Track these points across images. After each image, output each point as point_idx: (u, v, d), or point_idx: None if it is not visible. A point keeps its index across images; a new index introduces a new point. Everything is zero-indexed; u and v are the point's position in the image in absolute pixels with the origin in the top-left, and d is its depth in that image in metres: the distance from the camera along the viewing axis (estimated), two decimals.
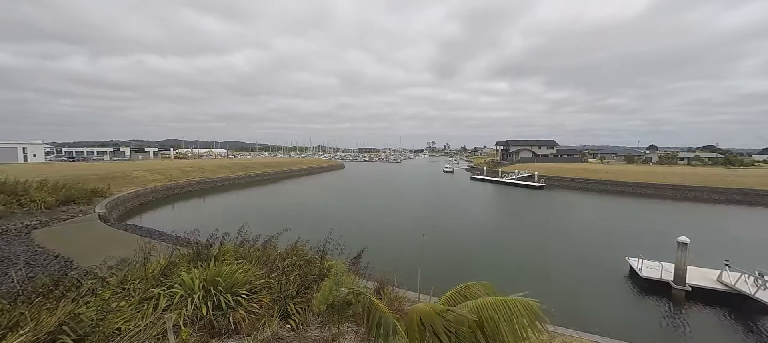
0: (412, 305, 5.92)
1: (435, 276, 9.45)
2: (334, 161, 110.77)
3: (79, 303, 5.04)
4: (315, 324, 6.04)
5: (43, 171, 31.67)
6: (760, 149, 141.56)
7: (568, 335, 7.51)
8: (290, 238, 9.77)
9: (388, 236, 21.86)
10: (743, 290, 12.20)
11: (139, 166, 46.30)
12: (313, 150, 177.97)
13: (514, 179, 56.39)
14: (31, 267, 11.27)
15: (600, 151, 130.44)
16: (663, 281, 13.52)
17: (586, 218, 29.56)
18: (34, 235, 15.90)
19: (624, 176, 51.01)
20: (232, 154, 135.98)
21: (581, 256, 18.06)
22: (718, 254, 15.17)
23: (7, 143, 55.92)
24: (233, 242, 8.96)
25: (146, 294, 5.61)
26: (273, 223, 18.36)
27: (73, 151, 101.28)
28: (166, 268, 6.66)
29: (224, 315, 5.51)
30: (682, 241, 13.06)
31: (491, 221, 28.47)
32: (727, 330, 11.12)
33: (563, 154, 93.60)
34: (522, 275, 15.54)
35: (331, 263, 7.72)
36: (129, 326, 4.67)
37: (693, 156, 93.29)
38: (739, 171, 55.30)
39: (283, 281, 6.68)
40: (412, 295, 7.80)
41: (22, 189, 21.01)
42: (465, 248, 19.35)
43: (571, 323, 8.89)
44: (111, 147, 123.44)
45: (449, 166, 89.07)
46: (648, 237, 21.95)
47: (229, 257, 7.64)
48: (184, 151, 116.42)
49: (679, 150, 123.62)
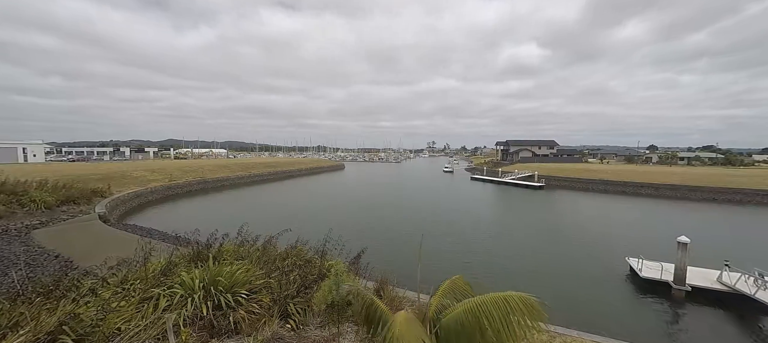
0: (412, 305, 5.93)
1: (435, 276, 9.43)
2: (334, 161, 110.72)
3: (79, 303, 5.05)
4: (315, 324, 6.05)
5: (43, 171, 31.68)
6: (760, 149, 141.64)
7: (568, 335, 7.51)
8: (290, 238, 9.77)
9: (388, 236, 21.85)
10: (743, 291, 12.20)
11: (139, 166, 46.32)
12: (312, 150, 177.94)
13: (514, 179, 56.38)
14: (31, 267, 11.26)
15: (600, 151, 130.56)
16: (663, 281, 13.52)
17: (586, 218, 29.55)
18: (34, 235, 15.90)
19: (624, 176, 51.01)
20: (232, 154, 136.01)
21: (581, 256, 18.06)
22: (718, 255, 15.17)
23: (7, 143, 55.92)
24: (233, 242, 8.96)
25: (146, 294, 5.61)
26: (273, 223, 18.37)
27: (73, 151, 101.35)
28: (166, 268, 6.67)
29: (224, 315, 5.51)
30: (682, 241, 13.05)
31: (491, 221, 28.46)
32: (727, 331, 11.11)
33: (563, 154, 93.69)
34: (522, 275, 15.55)
35: (331, 263, 7.73)
36: (129, 326, 4.67)
37: (693, 156, 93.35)
38: (739, 171, 55.33)
39: (283, 281, 6.69)
40: (411, 295, 7.81)
41: (22, 189, 21.01)
42: (465, 248, 19.35)
43: (571, 323, 8.89)
44: (111, 147, 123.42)
45: (449, 166, 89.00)
46: (648, 237, 21.95)
47: (229, 257, 7.64)
48: (184, 152, 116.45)
49: (679, 150, 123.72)
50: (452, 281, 4.36)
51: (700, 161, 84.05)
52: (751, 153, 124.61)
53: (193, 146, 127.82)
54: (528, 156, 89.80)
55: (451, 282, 4.33)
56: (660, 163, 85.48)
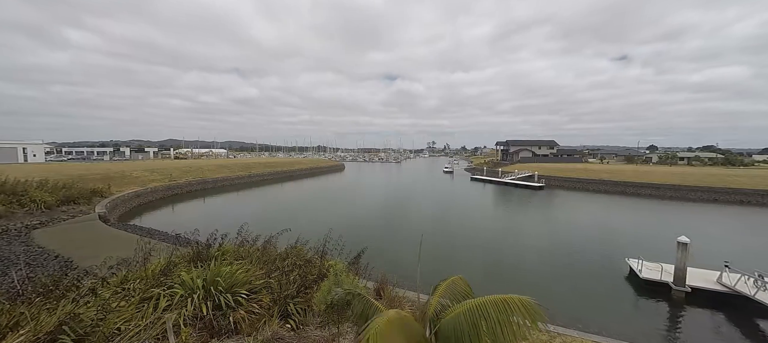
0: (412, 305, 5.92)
1: (435, 276, 9.43)
2: (334, 161, 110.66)
3: (79, 303, 5.05)
4: (315, 324, 6.04)
5: (43, 171, 31.69)
6: (760, 149, 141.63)
7: (568, 335, 7.52)
8: (290, 238, 9.77)
9: (388, 236, 21.85)
10: (743, 292, 12.17)
11: (139, 166, 46.30)
12: (312, 150, 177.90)
13: (513, 179, 56.34)
14: (31, 267, 11.26)
15: (600, 151, 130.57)
16: (663, 282, 13.51)
17: (586, 219, 29.54)
18: (34, 235, 15.91)
19: (624, 176, 51.00)
20: (232, 154, 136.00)
21: (581, 256, 18.05)
22: (718, 255, 15.16)
23: (7, 143, 55.92)
24: (233, 242, 8.97)
25: (146, 294, 5.61)
26: (273, 223, 18.37)
27: (73, 151, 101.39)
28: (166, 268, 6.67)
29: (224, 315, 5.52)
30: (682, 241, 13.04)
31: (491, 222, 28.46)
32: (726, 332, 11.10)
33: (563, 154, 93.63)
34: (522, 275, 15.54)
35: (331, 263, 7.73)
36: (129, 326, 4.67)
37: (693, 156, 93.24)
38: (739, 171, 55.33)
39: (283, 281, 6.69)
40: (412, 295, 7.81)
41: (22, 189, 21.02)
42: (465, 249, 19.35)
43: (571, 324, 8.91)
44: (111, 147, 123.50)
45: (449, 166, 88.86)
46: (648, 237, 21.95)
47: (229, 257, 7.64)
48: (184, 152, 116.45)
49: (678, 150, 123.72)
50: (451, 280, 4.37)
51: (700, 161, 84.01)
52: (751, 153, 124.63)
53: (193, 146, 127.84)
54: (528, 156, 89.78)
55: (449, 282, 4.34)
56: (660, 163, 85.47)
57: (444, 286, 4.27)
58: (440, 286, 4.30)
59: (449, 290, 4.21)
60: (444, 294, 4.14)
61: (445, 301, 4.04)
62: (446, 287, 4.24)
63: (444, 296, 4.11)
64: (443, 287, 4.24)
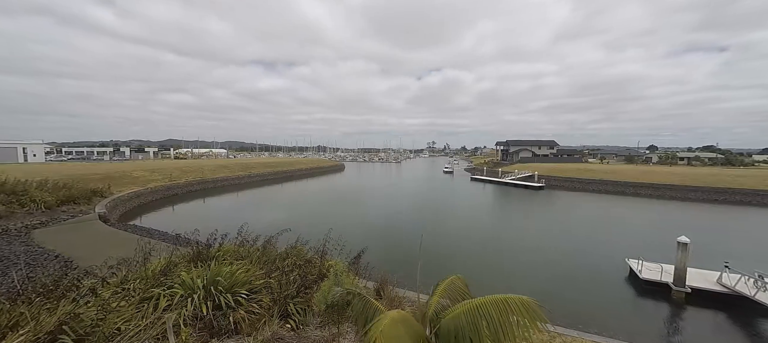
0: (412, 305, 5.92)
1: (435, 276, 9.43)
2: (334, 161, 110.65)
3: (79, 303, 5.05)
4: (315, 324, 6.04)
5: (43, 171, 31.67)
6: (760, 149, 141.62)
7: (568, 336, 7.51)
8: (290, 238, 9.77)
9: (388, 236, 21.84)
10: (743, 292, 12.17)
11: (139, 167, 46.29)
12: (312, 150, 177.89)
13: (513, 179, 56.35)
14: (31, 267, 11.26)
15: (600, 151, 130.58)
16: (663, 282, 13.50)
17: (586, 219, 29.54)
18: (34, 235, 15.90)
19: (624, 176, 50.99)
20: (232, 154, 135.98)
21: (581, 257, 18.05)
22: (718, 256, 15.16)
23: (7, 143, 55.92)
24: (233, 242, 8.97)
25: (146, 294, 5.61)
26: (273, 223, 18.37)
27: (73, 151, 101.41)
28: (166, 268, 6.67)
29: (224, 315, 5.52)
30: (682, 241, 13.03)
31: (491, 222, 28.47)
32: (726, 332, 11.10)
33: (563, 154, 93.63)
34: (522, 275, 15.55)
35: (331, 263, 7.73)
36: (129, 326, 4.66)
37: (693, 156, 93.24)
38: (739, 171, 55.31)
39: (283, 281, 6.69)
40: (412, 295, 7.81)
41: (22, 189, 21.01)
42: (465, 249, 19.35)
43: (571, 324, 8.90)
44: (111, 147, 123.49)
45: (449, 166, 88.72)
46: (647, 238, 21.93)
47: (229, 257, 7.65)
48: (184, 152, 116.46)
49: (678, 150, 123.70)
50: (450, 280, 4.37)
51: (700, 161, 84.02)
52: (751, 153, 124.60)
53: (193, 146, 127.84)
54: (528, 156, 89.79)
55: (449, 282, 4.34)
56: (660, 163, 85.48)
57: (443, 286, 4.28)
58: (440, 286, 4.30)
59: (449, 289, 4.22)
60: (444, 294, 4.15)
61: (445, 301, 4.05)
62: (446, 287, 4.24)
63: (444, 296, 4.11)
64: (443, 287, 4.25)
